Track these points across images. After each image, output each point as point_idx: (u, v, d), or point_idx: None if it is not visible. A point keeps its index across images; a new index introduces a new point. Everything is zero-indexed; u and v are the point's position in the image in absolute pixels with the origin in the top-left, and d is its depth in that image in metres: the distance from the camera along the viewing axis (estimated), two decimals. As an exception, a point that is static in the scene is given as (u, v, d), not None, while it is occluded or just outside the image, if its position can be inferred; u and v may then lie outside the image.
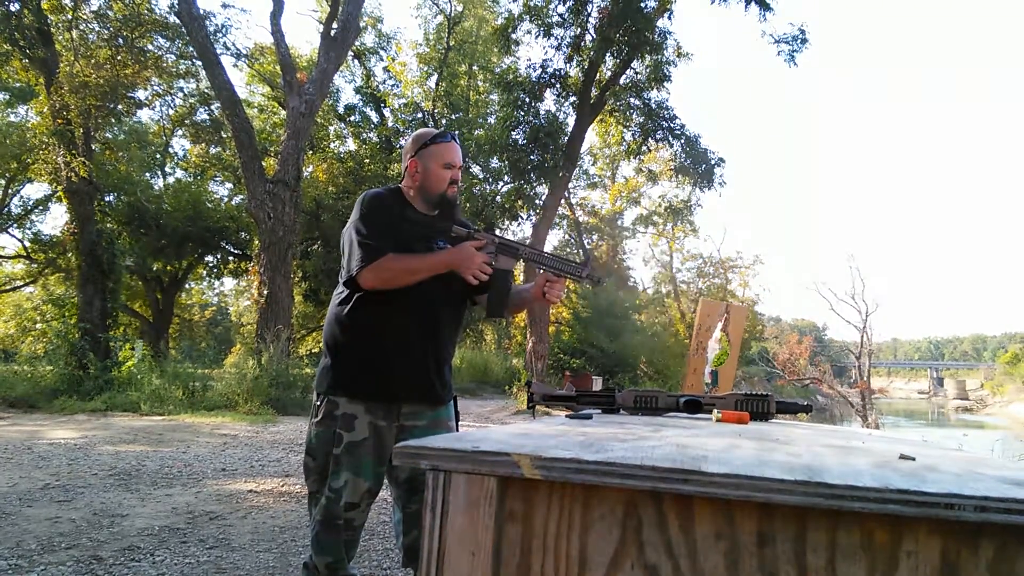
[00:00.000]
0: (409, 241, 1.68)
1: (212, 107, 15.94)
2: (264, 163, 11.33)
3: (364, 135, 17.87)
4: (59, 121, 9.65)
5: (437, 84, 17.06)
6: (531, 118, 12.52)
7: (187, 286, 20.62)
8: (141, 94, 13.37)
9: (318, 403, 1.69)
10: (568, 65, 12.39)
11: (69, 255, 12.16)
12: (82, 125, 10.02)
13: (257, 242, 10.80)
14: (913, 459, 0.56)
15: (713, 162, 12.61)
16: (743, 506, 0.46)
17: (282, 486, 4.08)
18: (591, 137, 17.32)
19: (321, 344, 1.79)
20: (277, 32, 10.95)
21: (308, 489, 1.72)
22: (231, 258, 17.90)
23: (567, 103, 12.89)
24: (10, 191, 16.81)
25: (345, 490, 1.60)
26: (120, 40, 10.75)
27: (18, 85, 13.24)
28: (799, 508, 0.44)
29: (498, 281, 1.69)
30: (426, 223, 1.75)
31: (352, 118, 18.01)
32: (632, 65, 12.29)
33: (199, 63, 11.36)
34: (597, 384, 12.67)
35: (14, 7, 9.69)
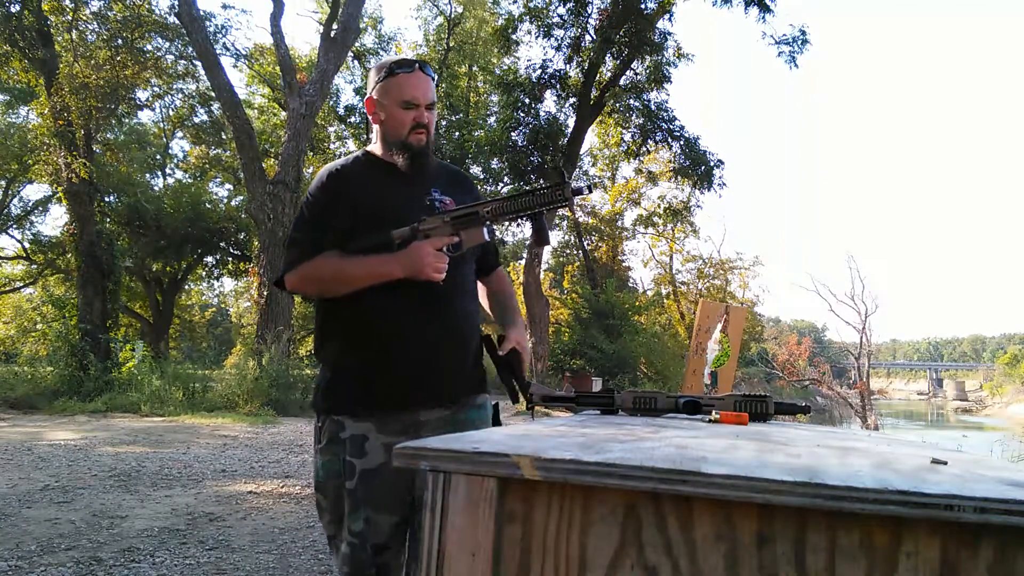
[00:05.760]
0: (389, 210, 1.36)
1: (212, 108, 15.95)
2: (264, 164, 11.34)
3: (364, 136, 17.89)
4: (60, 122, 9.67)
5: (437, 85, 17.03)
6: (531, 119, 12.54)
7: (187, 287, 20.63)
8: (141, 95, 13.40)
9: (319, 425, 1.39)
10: (568, 66, 12.40)
11: (69, 256, 12.17)
12: (83, 126, 10.03)
13: (257, 243, 10.81)
14: (946, 463, 0.56)
15: (712, 163, 12.61)
16: (743, 507, 0.46)
17: (282, 487, 4.08)
18: (591, 138, 17.34)
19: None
20: (277, 33, 10.96)
21: (326, 533, 1.40)
22: (230, 259, 17.91)
23: (567, 104, 12.90)
24: (10, 192, 16.83)
25: (369, 532, 1.29)
26: (120, 41, 10.77)
27: (18, 87, 13.24)
28: (799, 509, 0.44)
29: (481, 252, 1.47)
30: (406, 190, 1.39)
31: (352, 119, 18.03)
32: (632, 66, 12.31)
33: (198, 63, 11.37)
34: (597, 385, 12.67)
35: (14, 8, 9.70)
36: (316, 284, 1.37)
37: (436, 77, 1.46)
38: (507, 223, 1.93)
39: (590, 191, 1.31)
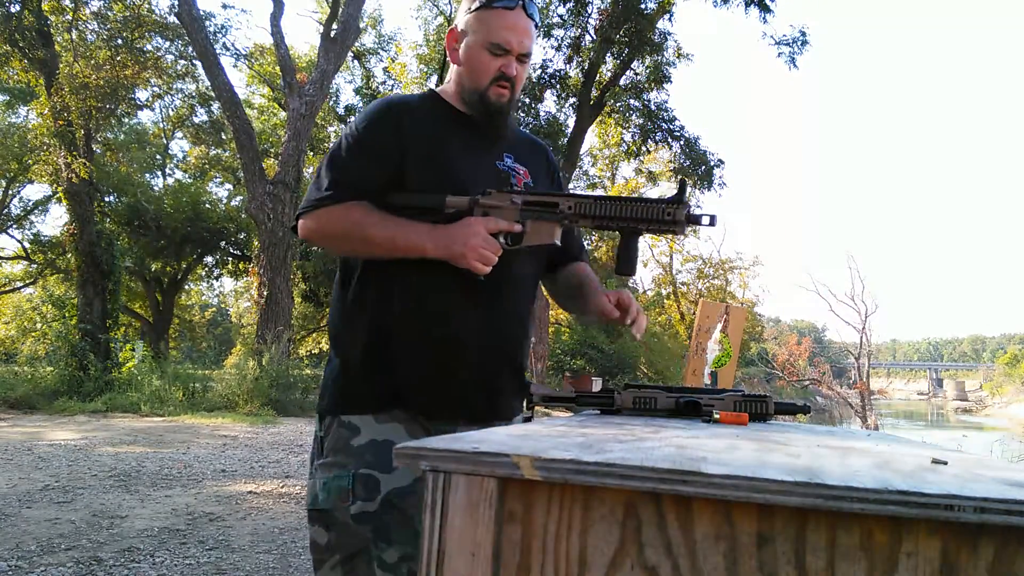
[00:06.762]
0: (453, 166, 1.10)
1: (212, 108, 15.95)
2: (264, 164, 11.34)
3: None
4: (60, 122, 9.67)
5: (437, 85, 17.07)
6: (531, 119, 12.55)
7: (186, 287, 20.63)
8: (141, 95, 13.40)
9: (322, 433, 1.09)
10: (568, 66, 12.41)
11: (68, 256, 12.18)
12: (83, 126, 10.04)
13: (257, 243, 10.82)
14: (946, 463, 0.56)
15: (713, 163, 12.63)
16: (743, 507, 0.46)
17: (282, 487, 4.08)
18: (591, 138, 17.34)
19: (324, 345, 1.17)
20: (277, 33, 10.97)
21: None
22: (230, 259, 17.92)
23: (567, 104, 12.91)
24: (10, 192, 16.84)
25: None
26: (120, 40, 10.78)
27: (18, 87, 13.25)
28: (799, 509, 0.44)
29: (540, 254, 1.17)
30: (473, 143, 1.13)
31: (352, 119, 18.03)
32: (632, 66, 12.32)
33: (198, 63, 11.38)
34: (596, 385, 12.68)
35: (14, 8, 9.71)
36: (332, 237, 1.09)
37: (539, 24, 1.17)
38: (590, 229, 1.07)
39: (712, 223, 1.00)
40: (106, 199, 14.03)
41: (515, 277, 1.12)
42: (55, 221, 27.68)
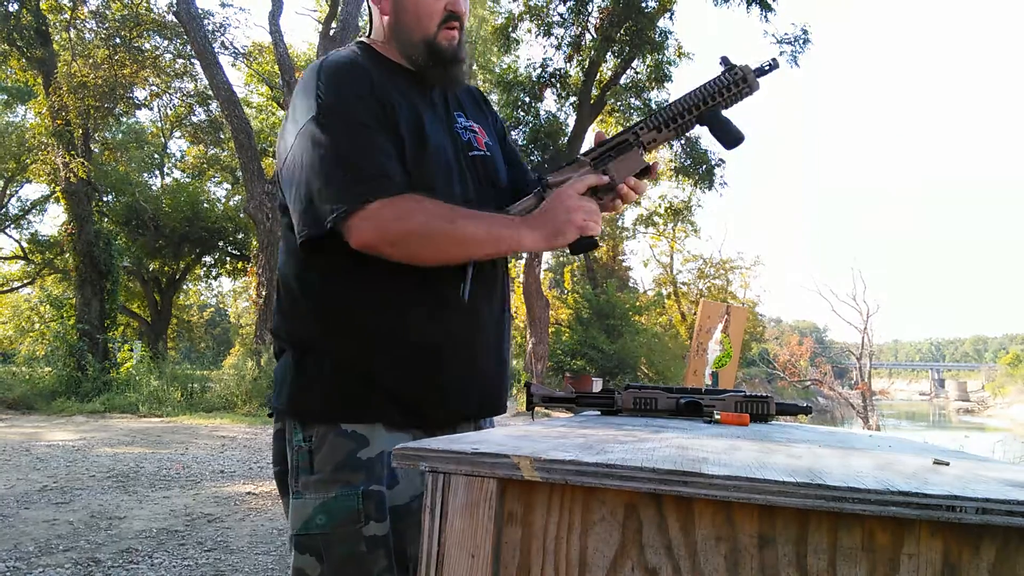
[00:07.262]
0: (431, 137, 0.94)
1: (211, 107, 15.94)
2: (263, 163, 11.33)
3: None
4: (58, 121, 9.67)
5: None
6: (531, 118, 12.55)
7: (185, 287, 20.61)
8: (139, 94, 13.39)
9: (306, 444, 0.89)
10: (568, 64, 12.41)
11: (67, 256, 12.17)
12: (81, 125, 10.03)
13: (256, 243, 10.81)
14: (948, 464, 0.56)
15: (713, 163, 12.64)
16: (744, 508, 0.46)
17: (281, 487, 4.07)
18: (591, 137, 17.36)
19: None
20: (276, 32, 10.95)
21: None
22: (229, 259, 17.91)
23: (567, 103, 12.91)
24: (8, 191, 16.83)
25: None
26: (118, 39, 10.76)
27: (16, 86, 13.23)
28: (800, 510, 0.44)
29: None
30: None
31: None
32: (633, 65, 12.32)
33: (197, 62, 11.37)
34: (597, 386, 12.68)
35: (13, 7, 9.70)
36: (407, 240, 0.85)
37: None
38: (674, 139, 0.95)
39: (775, 65, 0.91)
40: (104, 198, 14.00)
41: (491, 267, 1.01)
42: (53, 221, 27.67)
